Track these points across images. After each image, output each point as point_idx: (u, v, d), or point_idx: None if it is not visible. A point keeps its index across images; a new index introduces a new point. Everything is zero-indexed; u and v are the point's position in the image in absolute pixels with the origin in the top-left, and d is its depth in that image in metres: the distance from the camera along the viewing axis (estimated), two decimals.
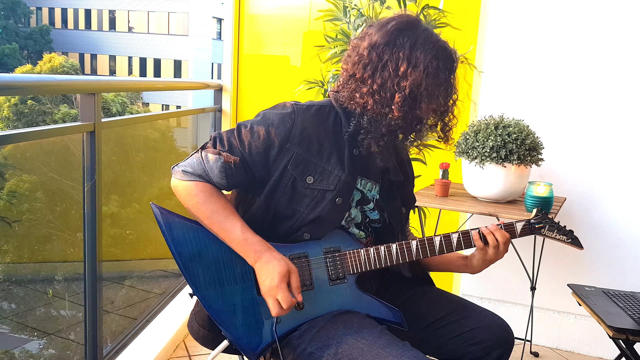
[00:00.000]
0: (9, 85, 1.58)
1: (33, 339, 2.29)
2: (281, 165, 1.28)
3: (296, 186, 1.28)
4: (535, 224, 1.36)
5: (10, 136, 1.60)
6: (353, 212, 1.36)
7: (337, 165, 1.30)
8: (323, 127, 1.30)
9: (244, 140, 1.27)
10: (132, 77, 23.79)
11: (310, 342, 1.26)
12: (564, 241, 1.38)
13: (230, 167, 1.27)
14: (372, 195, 1.39)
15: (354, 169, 1.32)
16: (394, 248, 1.31)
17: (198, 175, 1.28)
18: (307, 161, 1.28)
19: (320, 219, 1.29)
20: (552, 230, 1.37)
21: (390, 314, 1.32)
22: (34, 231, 2.29)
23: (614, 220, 2.54)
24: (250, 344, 1.29)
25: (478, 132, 2.21)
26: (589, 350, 2.64)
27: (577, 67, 2.52)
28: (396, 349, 1.17)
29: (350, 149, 1.31)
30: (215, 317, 1.29)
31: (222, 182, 1.29)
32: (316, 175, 1.28)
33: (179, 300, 2.74)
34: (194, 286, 1.28)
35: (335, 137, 1.31)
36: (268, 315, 1.28)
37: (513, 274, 2.64)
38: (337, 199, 1.30)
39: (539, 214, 1.38)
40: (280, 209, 1.30)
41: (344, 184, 1.30)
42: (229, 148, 1.28)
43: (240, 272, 1.29)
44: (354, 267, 1.31)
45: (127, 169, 2.57)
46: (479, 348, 1.34)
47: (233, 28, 3.26)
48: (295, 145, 1.27)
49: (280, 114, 1.29)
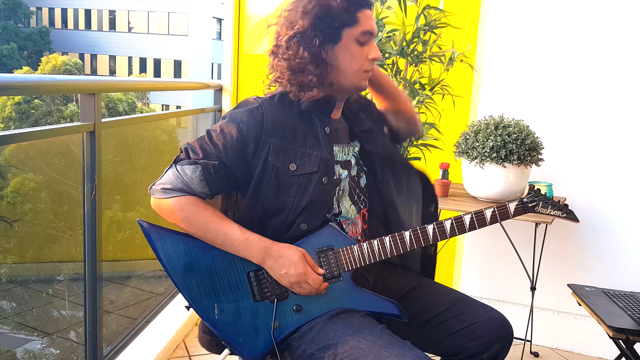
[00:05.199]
0: (9, 85, 1.57)
1: (33, 339, 2.29)
2: (261, 160, 1.27)
3: (280, 176, 1.27)
4: (529, 203, 1.34)
5: (10, 136, 1.60)
6: (342, 184, 1.36)
7: (314, 145, 1.30)
8: (291, 111, 1.31)
9: (218, 144, 1.26)
10: (132, 77, 23.78)
11: (311, 343, 1.26)
12: (559, 216, 1.35)
13: (210, 173, 1.25)
14: (352, 155, 1.39)
15: (329, 144, 1.33)
16: (387, 241, 1.31)
17: (179, 189, 1.25)
18: (286, 149, 1.28)
19: (312, 203, 1.29)
20: (546, 206, 1.34)
21: (389, 307, 1.32)
22: (34, 231, 2.29)
23: (614, 220, 2.54)
24: (251, 351, 1.29)
25: (478, 132, 2.21)
26: (589, 350, 2.64)
27: (577, 67, 2.52)
28: (397, 348, 1.17)
29: (322, 127, 1.32)
30: (213, 328, 1.29)
31: (205, 191, 1.27)
32: (297, 160, 1.28)
33: (179, 300, 2.74)
34: (190, 299, 1.28)
35: (304, 119, 1.32)
36: (266, 321, 1.28)
37: (513, 274, 2.64)
38: (322, 178, 1.29)
39: (532, 191, 1.35)
40: (269, 204, 1.29)
41: (325, 162, 1.30)
42: (203, 155, 1.26)
43: (235, 280, 1.29)
44: (348, 264, 1.31)
45: (129, 169, 2.57)
46: (479, 343, 1.34)
47: (233, 28, 3.26)
48: (270, 136, 1.27)
49: (247, 110, 1.28)
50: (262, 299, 1.29)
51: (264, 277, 1.29)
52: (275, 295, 1.29)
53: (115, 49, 32.31)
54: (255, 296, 1.29)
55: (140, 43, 31.72)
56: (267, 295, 1.29)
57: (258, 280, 1.29)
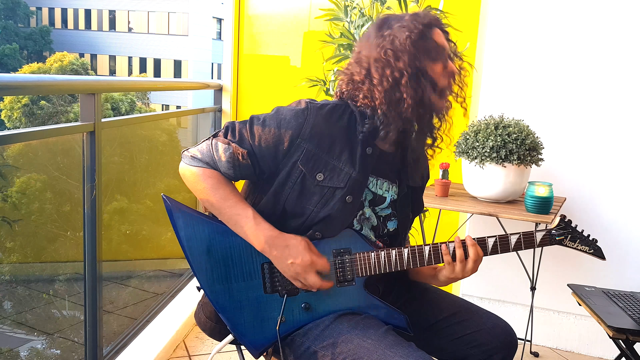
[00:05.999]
0: (9, 85, 1.58)
1: (33, 339, 2.29)
2: (291, 161, 1.27)
3: (305, 183, 1.27)
4: (557, 236, 1.30)
5: (10, 136, 1.60)
6: (367, 212, 1.35)
7: (348, 162, 1.28)
8: (336, 125, 1.29)
9: (255, 133, 1.27)
10: (132, 77, 23.79)
11: (315, 340, 1.26)
12: (585, 252, 1.31)
13: (238, 159, 1.27)
14: (390, 195, 1.38)
15: (366, 167, 1.31)
16: (406, 253, 1.30)
17: (206, 162, 1.29)
18: (318, 157, 1.27)
19: (330, 218, 1.28)
20: (575, 240, 1.30)
21: (397, 318, 1.31)
22: (35, 231, 2.29)
23: (613, 220, 2.54)
24: (254, 341, 1.30)
25: (478, 132, 2.21)
26: (588, 350, 2.64)
27: (577, 67, 2.52)
28: (402, 349, 1.17)
29: (363, 147, 1.30)
30: (221, 313, 1.30)
31: (229, 172, 1.29)
32: (326, 172, 1.27)
33: (179, 300, 2.74)
34: (202, 281, 1.29)
35: (347, 136, 1.29)
36: (273, 314, 1.29)
37: (513, 274, 2.64)
38: (347, 197, 1.28)
39: (562, 223, 1.30)
40: (289, 206, 1.29)
41: (354, 182, 1.29)
42: (239, 139, 1.27)
43: (249, 270, 1.29)
44: (363, 270, 1.30)
45: (129, 169, 2.57)
46: (481, 351, 1.34)
47: (233, 28, 3.26)
48: (306, 141, 1.26)
49: (293, 110, 1.28)
50: (272, 292, 1.30)
51: (277, 271, 1.29)
52: (285, 290, 1.29)
53: (115, 48, 32.33)
54: (266, 288, 1.29)
55: (140, 43, 31.73)
56: (278, 289, 1.30)
57: (271, 273, 1.30)
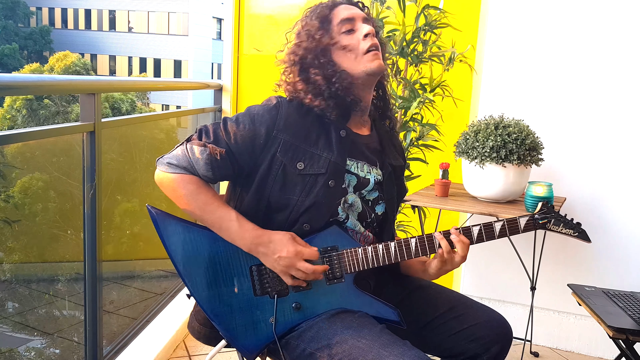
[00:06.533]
0: (9, 85, 1.58)
1: (33, 339, 2.29)
2: (269, 154, 1.29)
3: (287, 174, 1.29)
4: (540, 220, 1.32)
5: (10, 136, 1.60)
6: (350, 198, 1.35)
7: (325, 147, 1.31)
8: (308, 115, 1.33)
9: (230, 131, 1.29)
10: (132, 77, 23.79)
11: (310, 342, 1.26)
12: (570, 234, 1.33)
13: (216, 159, 1.27)
14: (373, 176, 1.38)
15: (343, 150, 1.33)
16: (393, 246, 1.31)
17: (183, 167, 1.28)
18: (296, 147, 1.29)
19: (316, 205, 1.29)
20: (558, 224, 1.33)
21: (388, 312, 1.32)
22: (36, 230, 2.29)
23: (613, 220, 2.54)
24: (248, 344, 1.30)
25: (478, 132, 2.21)
26: (589, 350, 2.64)
27: (577, 67, 2.52)
28: (397, 348, 1.17)
29: (337, 131, 1.33)
30: (212, 318, 1.30)
31: (208, 174, 1.29)
32: (306, 160, 1.29)
33: (179, 300, 2.74)
34: (191, 288, 1.29)
35: (320, 122, 1.33)
36: (265, 316, 1.29)
37: (513, 274, 2.64)
38: (329, 181, 1.30)
39: (544, 207, 1.34)
40: (273, 199, 1.29)
41: (334, 166, 1.30)
42: (214, 139, 1.28)
43: (237, 273, 1.29)
44: (351, 266, 1.31)
45: (129, 169, 2.57)
46: (479, 344, 1.35)
47: (233, 28, 3.26)
48: (282, 132, 1.29)
49: (265, 105, 1.33)
50: (262, 294, 1.30)
51: (266, 272, 1.30)
52: (275, 291, 1.29)
53: (115, 48, 32.32)
54: (256, 290, 1.29)
55: (140, 43, 31.72)
56: (268, 290, 1.30)
57: (260, 275, 1.30)
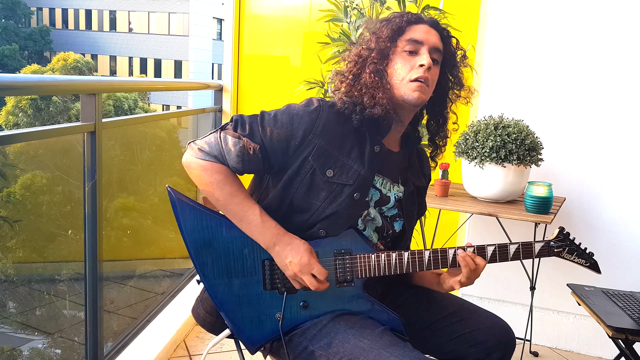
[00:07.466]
0: (9, 85, 1.58)
1: (34, 338, 2.29)
2: (302, 156, 1.27)
3: (315, 178, 1.28)
4: (555, 247, 1.31)
5: (10, 136, 1.60)
6: (372, 213, 1.35)
7: (357, 159, 1.29)
8: (347, 123, 1.30)
9: (266, 128, 1.27)
10: (133, 78, 23.78)
11: (312, 340, 1.27)
12: (582, 264, 1.33)
13: (248, 153, 1.26)
14: (394, 194, 1.38)
15: (373, 165, 1.32)
16: (406, 256, 1.30)
17: (214, 155, 1.27)
18: (329, 154, 1.28)
19: (337, 215, 1.28)
20: (572, 252, 1.32)
21: (393, 321, 1.32)
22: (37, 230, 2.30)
23: (613, 220, 2.54)
24: (251, 337, 1.31)
25: (478, 132, 2.22)
26: (588, 350, 2.64)
27: (576, 67, 2.52)
28: (398, 349, 1.17)
29: (371, 145, 1.31)
30: (219, 307, 1.30)
31: (237, 167, 1.28)
32: (336, 169, 1.28)
33: (179, 300, 2.74)
34: (202, 274, 1.29)
35: (357, 134, 1.31)
36: (271, 311, 1.30)
37: (513, 273, 2.64)
38: (355, 193, 1.29)
39: (561, 235, 1.33)
40: (297, 200, 1.29)
41: (363, 179, 1.30)
42: (249, 133, 1.26)
43: (250, 266, 1.30)
44: (363, 271, 1.30)
45: (129, 169, 2.57)
46: (480, 349, 1.35)
47: (233, 28, 3.27)
48: (318, 137, 1.27)
49: (306, 107, 1.29)
50: (272, 289, 1.30)
51: (277, 268, 1.30)
52: (285, 287, 1.30)
53: (115, 49, 32.34)
54: (266, 285, 1.30)
55: (140, 43, 31.73)
56: (277, 286, 1.30)
57: (271, 269, 1.30)
